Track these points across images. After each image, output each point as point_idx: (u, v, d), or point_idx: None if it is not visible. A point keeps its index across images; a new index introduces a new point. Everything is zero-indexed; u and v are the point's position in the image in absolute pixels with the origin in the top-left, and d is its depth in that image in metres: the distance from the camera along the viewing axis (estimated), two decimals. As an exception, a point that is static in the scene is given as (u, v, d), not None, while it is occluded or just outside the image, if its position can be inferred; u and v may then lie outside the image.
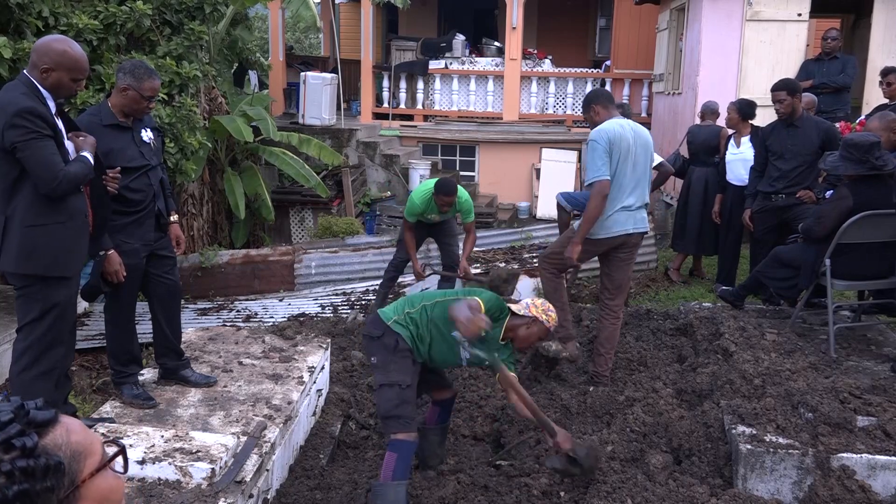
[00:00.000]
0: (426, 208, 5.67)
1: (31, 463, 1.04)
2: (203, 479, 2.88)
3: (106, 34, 6.12)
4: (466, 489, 3.44)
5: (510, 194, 11.50)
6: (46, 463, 1.06)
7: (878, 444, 3.33)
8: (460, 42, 12.89)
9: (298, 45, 23.86)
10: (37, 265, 3.09)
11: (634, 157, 4.23)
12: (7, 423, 1.06)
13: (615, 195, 4.23)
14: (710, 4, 8.66)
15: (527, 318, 3.31)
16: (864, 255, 4.39)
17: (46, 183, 2.98)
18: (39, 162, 2.96)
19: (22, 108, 2.93)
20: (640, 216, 4.37)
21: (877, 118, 4.78)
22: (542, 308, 3.34)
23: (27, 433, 1.07)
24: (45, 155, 2.97)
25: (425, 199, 5.63)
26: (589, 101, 4.42)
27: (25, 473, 1.04)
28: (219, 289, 7.53)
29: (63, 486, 1.07)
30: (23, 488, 1.03)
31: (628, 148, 4.20)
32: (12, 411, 1.08)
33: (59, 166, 2.99)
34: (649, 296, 6.95)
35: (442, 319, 3.27)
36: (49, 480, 1.06)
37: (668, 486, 3.36)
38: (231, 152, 9.29)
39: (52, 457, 1.07)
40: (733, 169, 6.39)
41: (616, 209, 4.25)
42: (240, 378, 3.93)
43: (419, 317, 3.32)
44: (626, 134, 4.21)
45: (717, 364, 4.27)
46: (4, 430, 1.06)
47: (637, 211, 4.34)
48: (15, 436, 1.05)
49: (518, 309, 3.34)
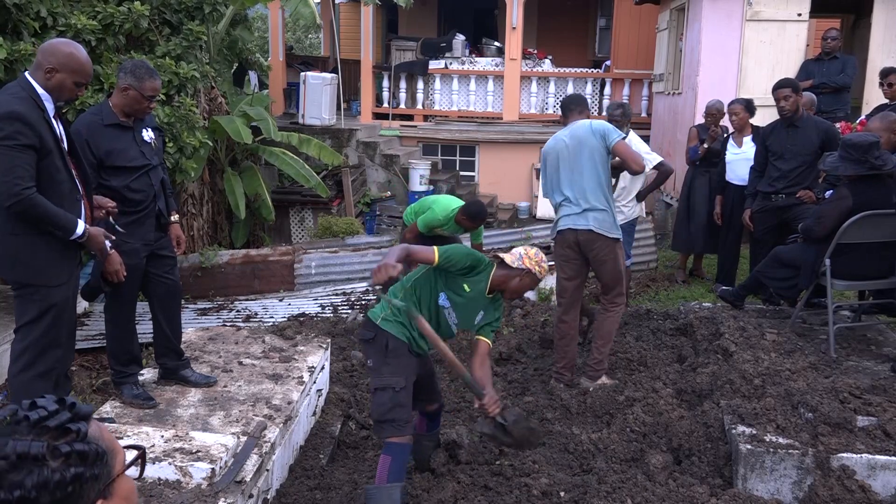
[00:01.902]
0: (445, 224, 5.62)
1: (86, 447, 1.08)
2: (203, 479, 2.88)
3: (104, 34, 6.11)
4: (466, 489, 3.44)
5: (510, 194, 11.50)
6: (97, 449, 1.09)
7: (878, 444, 3.34)
8: (460, 42, 12.89)
9: (298, 44, 23.86)
10: (24, 273, 3.08)
11: (570, 162, 4.39)
12: (57, 411, 1.09)
13: (556, 200, 4.51)
14: (710, 4, 8.66)
15: (520, 271, 3.28)
16: (864, 255, 4.39)
17: (5, 194, 2.90)
18: (4, 169, 2.89)
19: (7, 111, 2.88)
20: (588, 216, 4.33)
21: (878, 118, 4.78)
22: (535, 259, 3.32)
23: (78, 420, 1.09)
24: (12, 164, 2.89)
25: (448, 216, 5.57)
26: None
27: (81, 457, 1.07)
28: (219, 289, 7.52)
29: (104, 476, 1.10)
30: (78, 471, 1.06)
31: (557, 157, 4.46)
32: (56, 402, 1.10)
33: (21, 182, 2.90)
34: (649, 296, 6.95)
35: (425, 294, 3.26)
36: (97, 468, 1.09)
37: (668, 486, 3.36)
38: (231, 152, 9.29)
39: (100, 445, 1.10)
40: (735, 169, 6.37)
41: (560, 214, 4.49)
42: (240, 378, 3.92)
43: (406, 303, 3.28)
44: (558, 144, 4.48)
45: (717, 364, 4.27)
46: (56, 416, 1.08)
47: (582, 213, 4.35)
48: (68, 421, 1.08)
49: (511, 260, 3.31)
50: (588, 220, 4.33)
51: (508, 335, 5.58)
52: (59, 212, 3.01)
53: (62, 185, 3.07)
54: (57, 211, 3.00)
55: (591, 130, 4.36)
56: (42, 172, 2.98)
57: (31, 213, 2.96)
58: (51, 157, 3.01)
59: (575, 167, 4.37)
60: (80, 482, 1.06)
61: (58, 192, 3.04)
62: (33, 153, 2.95)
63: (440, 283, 3.26)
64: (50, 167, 3.01)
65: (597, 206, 4.33)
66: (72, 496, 1.05)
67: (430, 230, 5.67)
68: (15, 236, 3.04)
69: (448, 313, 3.28)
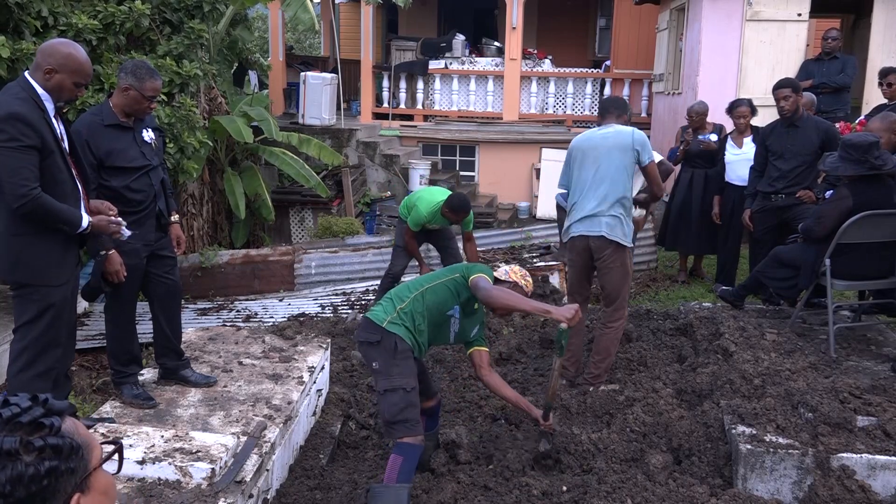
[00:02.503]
0: (432, 219, 5.68)
1: (60, 441, 1.09)
2: (203, 479, 2.88)
3: (105, 34, 6.11)
4: (466, 489, 3.44)
5: (510, 194, 11.50)
6: (71, 443, 1.11)
7: (878, 444, 3.33)
8: (460, 42, 12.88)
9: (298, 45, 23.84)
10: (24, 274, 3.08)
11: (598, 164, 4.27)
12: (29, 407, 1.10)
13: (573, 199, 4.40)
14: (710, 4, 8.66)
15: (508, 283, 3.46)
16: (864, 255, 4.39)
17: (11, 195, 2.92)
18: (9, 171, 2.90)
19: (9, 112, 2.88)
20: (601, 221, 4.24)
21: (878, 119, 4.78)
22: (520, 274, 3.53)
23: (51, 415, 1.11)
24: (17, 166, 2.90)
25: (433, 211, 5.62)
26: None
27: (55, 451, 1.08)
28: (219, 289, 7.52)
29: (80, 470, 1.11)
30: (52, 465, 1.08)
31: (584, 156, 4.34)
32: (29, 399, 1.12)
33: (28, 183, 2.91)
34: (649, 296, 6.95)
35: (438, 304, 3.38)
36: (72, 461, 1.10)
37: (668, 486, 3.36)
38: (231, 152, 9.29)
39: (75, 439, 1.12)
40: (736, 169, 6.36)
41: (574, 217, 4.37)
42: (240, 378, 3.92)
43: (412, 308, 3.35)
44: (589, 143, 4.36)
45: (717, 364, 4.27)
46: (29, 411, 1.10)
47: (596, 217, 4.25)
48: (41, 416, 1.10)
49: (499, 274, 3.51)
50: (601, 226, 4.24)
51: (508, 335, 5.58)
52: (64, 208, 3.03)
53: (64, 185, 3.07)
54: (62, 207, 3.02)
55: (632, 141, 4.25)
56: (44, 172, 2.99)
57: (39, 213, 2.98)
58: (52, 157, 3.01)
59: (601, 171, 4.26)
60: (54, 476, 1.07)
61: (60, 192, 3.04)
62: (36, 154, 2.95)
63: (459, 298, 3.43)
64: (52, 167, 3.02)
65: (612, 213, 4.24)
66: (47, 490, 1.07)
67: (421, 226, 5.75)
68: (16, 237, 3.04)
69: (454, 322, 3.45)
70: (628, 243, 4.33)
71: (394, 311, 3.35)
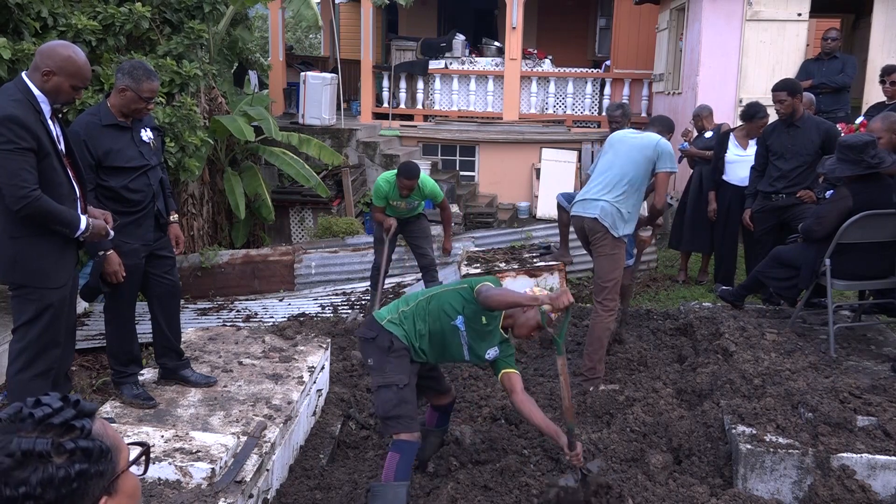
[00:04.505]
0: (390, 191, 5.91)
1: (90, 444, 1.09)
2: (203, 479, 2.88)
3: (105, 35, 6.11)
4: (466, 489, 3.43)
5: (510, 194, 11.49)
6: (101, 446, 1.11)
7: (878, 444, 3.33)
8: (460, 42, 12.88)
9: (298, 45, 23.85)
10: (23, 275, 3.08)
11: (617, 155, 4.53)
12: (61, 408, 1.10)
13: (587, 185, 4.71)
14: (710, 4, 8.66)
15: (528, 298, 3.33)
16: (864, 255, 4.38)
17: (11, 198, 2.91)
18: (8, 174, 2.90)
19: (4, 115, 2.88)
20: (597, 205, 4.43)
21: (879, 119, 4.78)
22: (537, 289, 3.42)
23: (82, 417, 1.11)
24: (16, 168, 2.89)
25: (391, 182, 5.88)
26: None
27: (86, 453, 1.08)
28: (219, 289, 7.52)
29: (108, 473, 1.11)
30: (83, 468, 1.07)
31: (611, 147, 4.65)
32: (60, 399, 1.12)
33: (27, 185, 2.90)
34: (649, 296, 6.95)
35: (441, 311, 3.30)
36: (102, 464, 1.10)
37: (668, 486, 3.36)
38: (231, 152, 9.29)
39: (104, 441, 1.11)
40: (736, 170, 6.35)
41: (579, 196, 4.67)
42: (240, 378, 3.92)
43: (414, 312, 3.33)
44: (621, 138, 4.66)
45: (717, 364, 4.27)
46: (61, 413, 1.10)
47: (594, 201, 4.46)
48: (72, 418, 1.09)
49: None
50: (596, 209, 4.42)
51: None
52: (63, 209, 3.03)
53: (61, 187, 3.07)
54: (62, 209, 3.02)
55: (655, 146, 4.47)
56: (41, 174, 2.98)
57: (39, 215, 2.98)
58: (49, 159, 3.01)
59: (616, 163, 4.50)
60: (84, 478, 1.07)
61: (57, 194, 3.04)
62: (33, 156, 2.95)
63: (464, 310, 3.30)
64: (48, 169, 3.01)
65: (610, 200, 4.39)
66: (76, 492, 1.06)
67: (385, 201, 5.99)
68: (15, 239, 3.04)
69: (462, 335, 3.32)
70: (619, 233, 4.42)
71: (396, 312, 3.36)
